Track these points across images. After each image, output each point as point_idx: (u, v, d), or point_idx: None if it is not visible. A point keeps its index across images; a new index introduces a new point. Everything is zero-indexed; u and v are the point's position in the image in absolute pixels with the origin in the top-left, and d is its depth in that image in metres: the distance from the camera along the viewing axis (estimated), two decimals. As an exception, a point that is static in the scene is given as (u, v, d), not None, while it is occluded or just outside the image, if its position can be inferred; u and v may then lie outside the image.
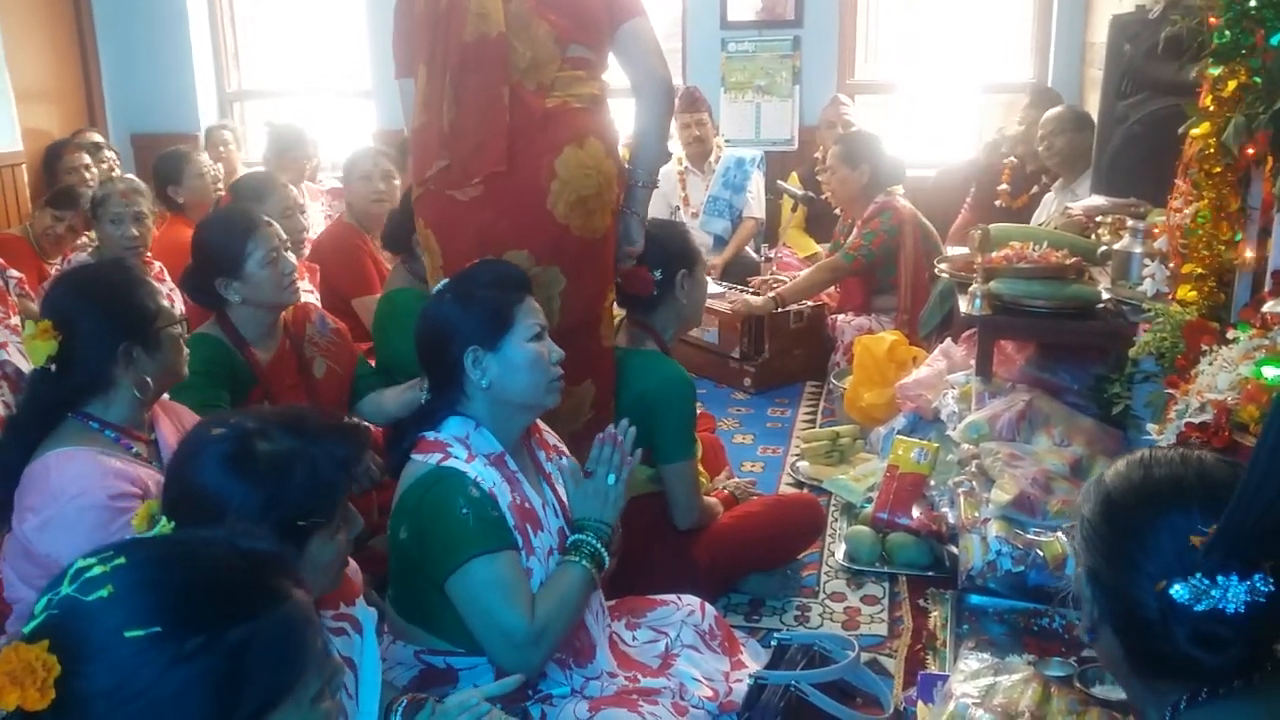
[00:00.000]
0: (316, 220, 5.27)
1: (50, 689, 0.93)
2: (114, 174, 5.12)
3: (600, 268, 2.57)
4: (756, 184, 5.55)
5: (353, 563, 1.88)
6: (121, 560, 1.01)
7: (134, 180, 4.02)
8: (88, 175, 5.01)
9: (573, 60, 2.47)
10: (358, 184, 4.01)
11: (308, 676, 1.04)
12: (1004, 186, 4.88)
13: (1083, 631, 1.28)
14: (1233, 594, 1.10)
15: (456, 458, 2.00)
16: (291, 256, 2.71)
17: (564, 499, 2.16)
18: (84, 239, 4.46)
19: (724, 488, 3.07)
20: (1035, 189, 4.79)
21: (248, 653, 0.99)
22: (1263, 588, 1.10)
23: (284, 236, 2.72)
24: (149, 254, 3.92)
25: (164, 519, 1.26)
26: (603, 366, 2.65)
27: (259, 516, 1.48)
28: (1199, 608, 1.10)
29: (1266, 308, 2.38)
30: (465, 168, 2.46)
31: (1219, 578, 1.10)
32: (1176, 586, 1.11)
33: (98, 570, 0.99)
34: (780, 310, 4.51)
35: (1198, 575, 1.11)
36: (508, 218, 2.46)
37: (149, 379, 2.07)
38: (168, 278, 3.85)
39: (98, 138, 5.79)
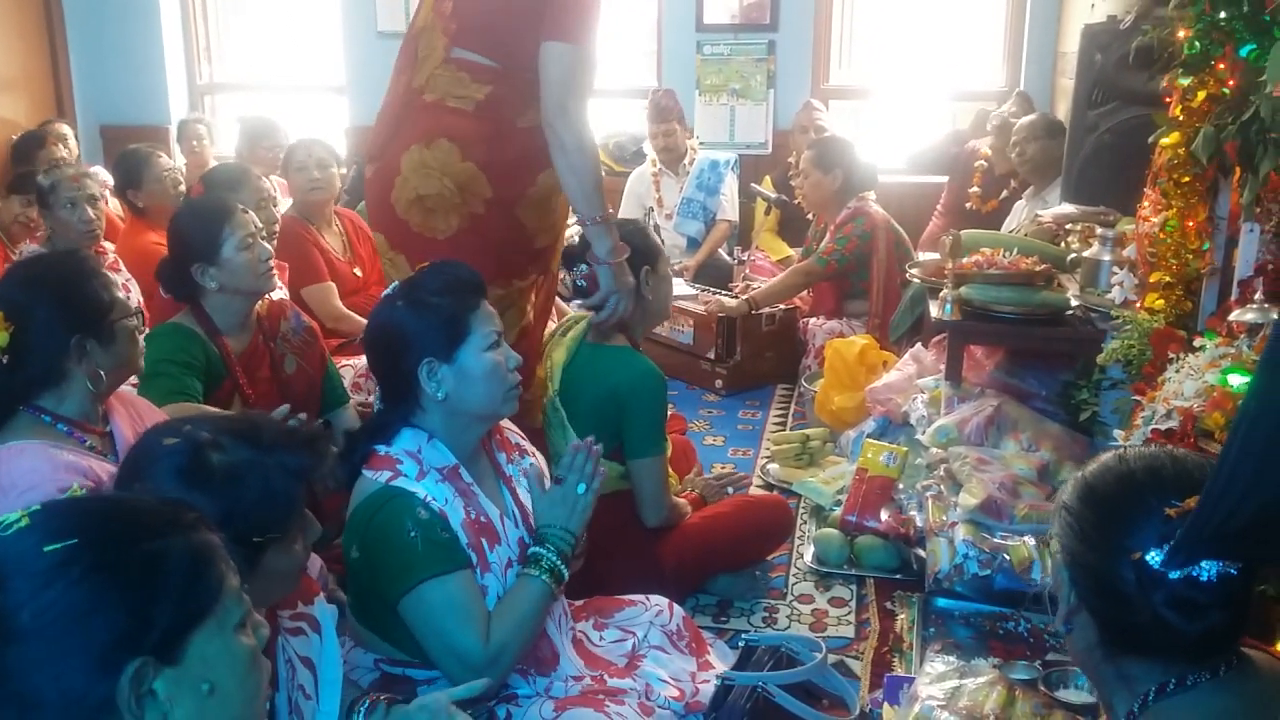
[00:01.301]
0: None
1: None
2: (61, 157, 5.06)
3: None
4: (730, 187, 5.56)
5: (316, 560, 1.85)
6: (37, 507, 1.07)
7: (80, 165, 3.96)
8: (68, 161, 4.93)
9: (457, 62, 2.46)
10: (295, 176, 4.09)
11: (226, 601, 1.08)
12: (975, 190, 4.92)
13: (1059, 622, 1.30)
14: (1207, 562, 1.14)
15: (406, 475, 1.95)
16: (268, 245, 2.72)
17: (525, 504, 2.12)
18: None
19: (692, 488, 3.07)
20: (1005, 193, 4.84)
21: (161, 565, 1.03)
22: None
23: (260, 225, 2.73)
24: (103, 243, 3.85)
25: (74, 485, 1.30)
26: None
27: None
28: (1174, 574, 1.15)
29: (1233, 316, 2.41)
30: (368, 147, 2.65)
31: None
32: (1152, 553, 1.16)
33: (15, 515, 1.05)
34: (753, 313, 4.52)
35: (1171, 543, 1.15)
36: (373, 201, 2.60)
37: (102, 372, 2.03)
38: (123, 268, 3.80)
39: (65, 128, 5.70)
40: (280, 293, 3.46)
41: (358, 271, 4.08)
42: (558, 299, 2.93)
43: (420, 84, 2.50)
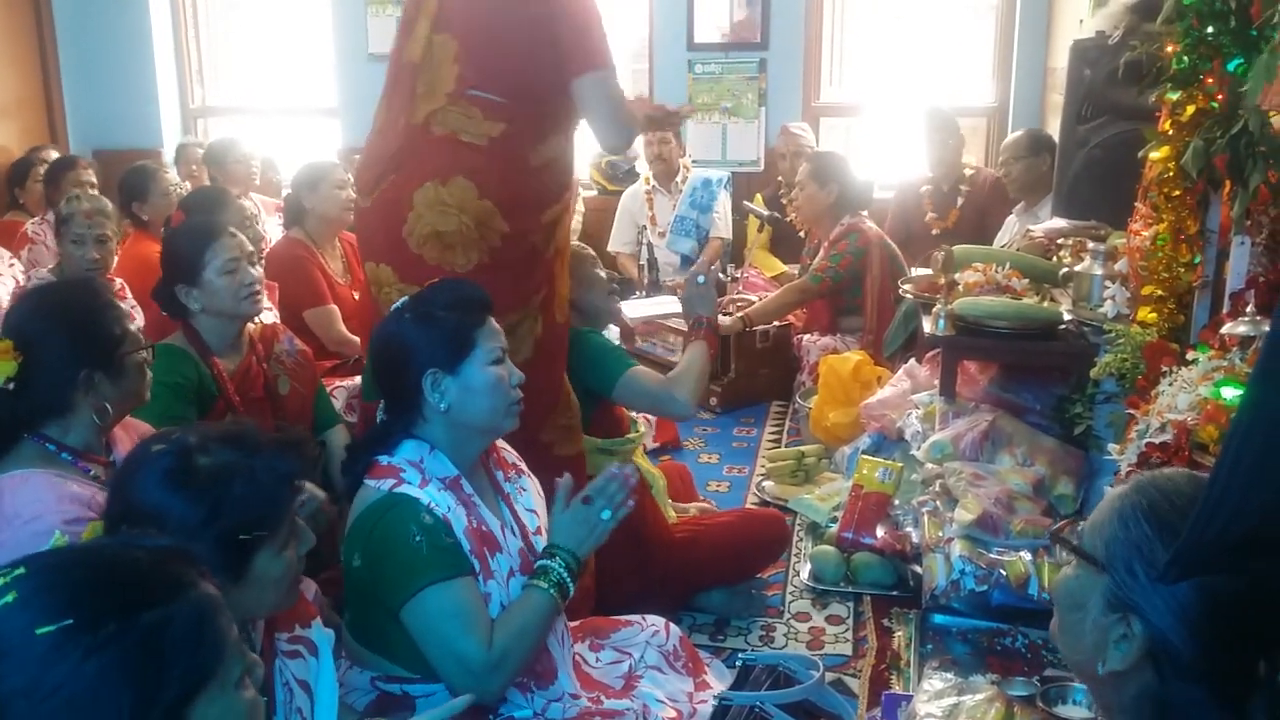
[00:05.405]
0: (277, 236, 5.24)
1: None
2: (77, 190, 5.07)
3: None
4: (723, 204, 5.57)
5: (311, 584, 1.85)
6: (21, 570, 1.00)
7: (99, 199, 3.95)
8: (92, 191, 4.92)
9: (468, 98, 2.46)
10: (333, 193, 3.92)
11: (228, 661, 1.04)
12: (931, 215, 4.96)
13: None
14: None
15: (409, 483, 1.95)
16: (256, 270, 2.71)
17: (523, 520, 2.12)
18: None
19: (691, 512, 3.07)
20: (960, 200, 4.89)
21: (163, 637, 0.98)
22: None
23: (248, 248, 2.72)
24: (109, 274, 3.86)
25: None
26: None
27: (200, 530, 1.46)
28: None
29: (1225, 329, 2.42)
30: (361, 179, 2.61)
31: None
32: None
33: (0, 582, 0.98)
34: (747, 330, 4.52)
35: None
36: (379, 234, 2.53)
37: (109, 405, 2.02)
38: (129, 294, 3.80)
39: (54, 153, 5.72)
40: (271, 314, 3.46)
41: (357, 295, 3.99)
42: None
43: (422, 119, 2.48)
